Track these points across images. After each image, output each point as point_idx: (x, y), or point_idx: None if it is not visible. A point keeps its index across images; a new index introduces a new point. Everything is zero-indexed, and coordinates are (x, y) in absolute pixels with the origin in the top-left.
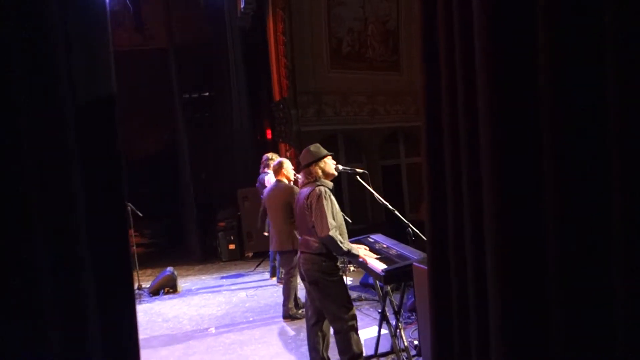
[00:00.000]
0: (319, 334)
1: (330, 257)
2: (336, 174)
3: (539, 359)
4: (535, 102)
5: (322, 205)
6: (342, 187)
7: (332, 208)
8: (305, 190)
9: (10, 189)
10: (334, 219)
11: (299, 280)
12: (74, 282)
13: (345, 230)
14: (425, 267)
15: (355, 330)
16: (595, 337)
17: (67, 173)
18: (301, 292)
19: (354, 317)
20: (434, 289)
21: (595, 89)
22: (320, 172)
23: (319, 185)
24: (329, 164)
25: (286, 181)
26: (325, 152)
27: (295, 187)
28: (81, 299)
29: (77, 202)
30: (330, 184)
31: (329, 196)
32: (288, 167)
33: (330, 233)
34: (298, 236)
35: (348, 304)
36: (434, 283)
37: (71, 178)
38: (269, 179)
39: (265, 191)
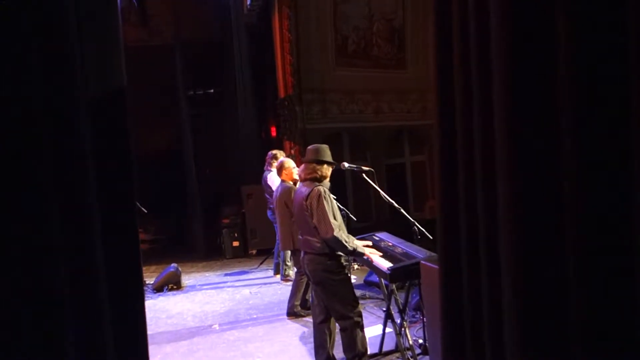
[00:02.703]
0: (327, 332)
1: (334, 256)
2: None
3: (557, 356)
4: (553, 101)
5: (323, 205)
6: (347, 185)
7: (332, 207)
8: (304, 190)
9: (26, 183)
10: (334, 218)
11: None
12: (86, 280)
13: (345, 229)
14: (434, 266)
15: (361, 327)
16: (615, 336)
17: (83, 167)
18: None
19: (360, 315)
20: (445, 290)
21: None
22: (325, 172)
23: (318, 186)
24: (329, 173)
25: (290, 182)
26: (330, 160)
27: (293, 187)
28: (93, 294)
29: (90, 197)
30: (328, 184)
31: (329, 196)
32: (289, 166)
33: (335, 233)
34: (299, 236)
35: (354, 301)
36: (445, 284)
37: (87, 173)
38: (272, 177)
39: (274, 192)
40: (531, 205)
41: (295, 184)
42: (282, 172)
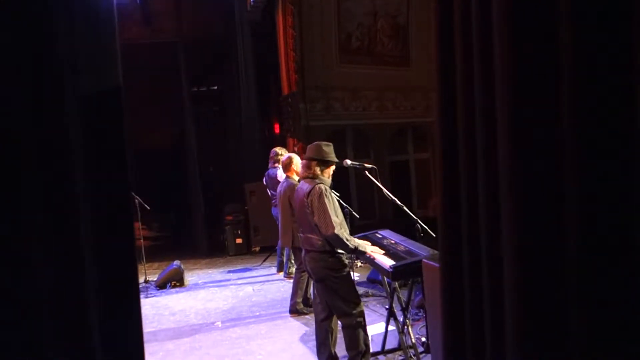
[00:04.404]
0: (328, 329)
1: (335, 253)
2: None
3: (557, 356)
4: (556, 98)
5: (324, 203)
6: (350, 182)
7: (333, 205)
8: (305, 187)
9: (11, 182)
10: (336, 216)
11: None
12: (76, 278)
13: (346, 227)
14: (436, 265)
15: (363, 326)
16: (615, 335)
17: (69, 165)
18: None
19: (362, 313)
20: (446, 288)
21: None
22: (318, 171)
23: (319, 183)
24: (329, 172)
25: (296, 177)
26: (334, 159)
27: (298, 184)
28: (83, 293)
29: (79, 196)
30: (329, 182)
31: (330, 194)
32: (298, 162)
33: (336, 231)
34: (300, 234)
35: (356, 299)
36: (446, 283)
37: (74, 171)
38: (280, 173)
39: (278, 188)
40: (533, 203)
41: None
42: (290, 168)
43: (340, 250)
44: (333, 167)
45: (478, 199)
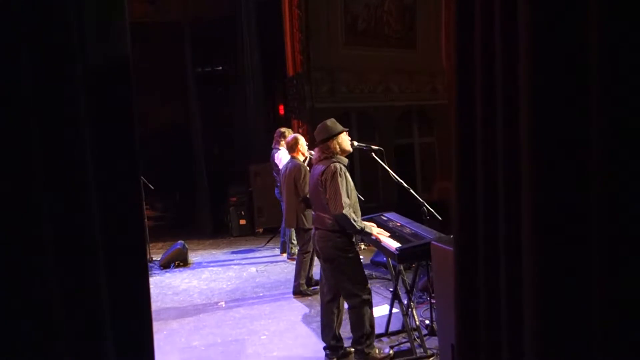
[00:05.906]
0: (334, 311)
1: (345, 233)
2: (351, 150)
3: (578, 346)
4: (582, 82)
5: (337, 182)
6: (354, 164)
7: (347, 185)
8: (320, 166)
9: (16, 160)
10: (348, 197)
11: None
12: (85, 257)
13: (358, 209)
14: (446, 247)
15: (370, 305)
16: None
17: (78, 142)
18: (316, 267)
19: (369, 293)
20: (461, 276)
21: None
22: (337, 147)
23: (335, 162)
24: (346, 140)
25: (301, 157)
26: (341, 127)
27: (304, 165)
28: (93, 275)
29: (88, 175)
30: (346, 161)
31: (344, 173)
32: (303, 143)
33: (344, 211)
34: (312, 212)
35: (363, 280)
36: (461, 270)
37: (81, 149)
38: (280, 155)
39: (282, 169)
40: (555, 188)
41: (305, 160)
42: (295, 148)
43: (349, 231)
44: (346, 137)
45: (498, 187)
